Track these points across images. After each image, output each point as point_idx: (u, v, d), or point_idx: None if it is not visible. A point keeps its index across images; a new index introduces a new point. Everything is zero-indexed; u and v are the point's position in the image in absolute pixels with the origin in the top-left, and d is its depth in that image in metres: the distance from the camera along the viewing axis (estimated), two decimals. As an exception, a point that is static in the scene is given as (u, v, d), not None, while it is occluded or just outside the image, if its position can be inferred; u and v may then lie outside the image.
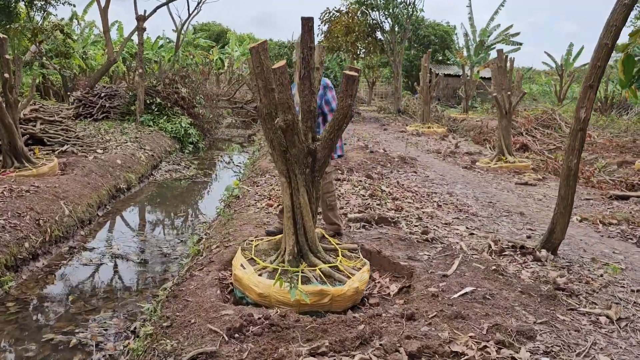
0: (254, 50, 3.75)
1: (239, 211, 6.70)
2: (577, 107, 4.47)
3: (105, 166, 9.37)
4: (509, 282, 4.30)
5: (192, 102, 15.60)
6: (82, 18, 28.98)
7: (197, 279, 4.44)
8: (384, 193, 7.45)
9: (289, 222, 4.09)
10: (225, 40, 47.64)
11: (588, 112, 4.37)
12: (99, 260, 6.31)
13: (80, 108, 14.77)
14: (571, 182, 4.74)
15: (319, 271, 4.01)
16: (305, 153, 3.95)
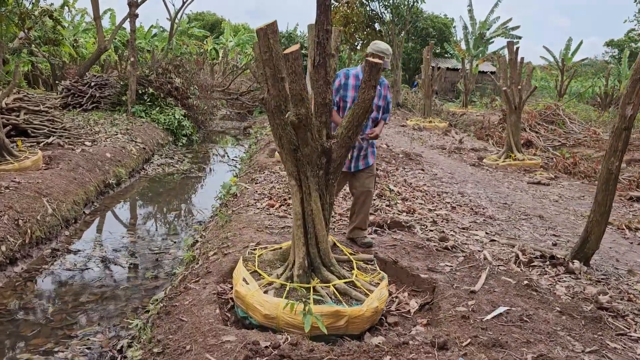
0: (262, 33, 3.21)
1: (237, 212, 6.18)
2: (622, 102, 3.98)
3: (93, 160, 8.80)
4: (545, 299, 3.82)
5: (186, 92, 14.99)
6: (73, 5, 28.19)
7: (193, 292, 3.92)
8: (392, 193, 6.95)
9: (299, 231, 3.58)
10: (219, 30, 46.85)
11: (636, 108, 3.87)
12: (84, 264, 5.77)
13: (69, 97, 14.13)
14: (611, 186, 4.26)
15: (333, 288, 3.51)
16: (319, 152, 3.44)
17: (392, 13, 23.89)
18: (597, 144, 14.74)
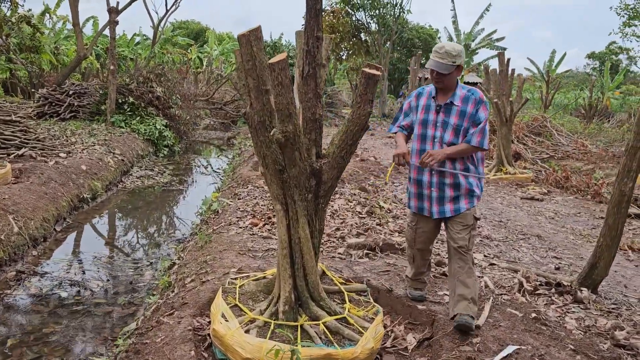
0: (244, 39, 2.84)
1: (218, 231, 5.77)
2: (638, 119, 3.66)
3: (67, 173, 8.32)
4: (556, 335, 3.47)
5: (167, 102, 14.54)
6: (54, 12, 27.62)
7: (166, 328, 3.51)
8: (383, 210, 6.60)
9: (285, 262, 3.19)
10: (204, 39, 46.43)
11: (653, 125, 3.57)
12: (51, 289, 5.30)
13: (45, 106, 13.60)
14: (623, 209, 3.94)
15: (323, 326, 3.12)
16: (308, 174, 3.06)
17: (378, 23, 23.71)
18: (585, 156, 14.57)
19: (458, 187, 3.54)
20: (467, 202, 3.56)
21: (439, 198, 3.58)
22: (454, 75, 3.49)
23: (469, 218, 3.56)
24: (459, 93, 3.53)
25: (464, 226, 3.55)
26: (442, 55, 3.41)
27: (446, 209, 3.58)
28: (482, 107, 3.47)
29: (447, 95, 3.54)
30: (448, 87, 3.54)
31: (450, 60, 3.40)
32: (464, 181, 3.54)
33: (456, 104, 3.50)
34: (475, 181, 3.59)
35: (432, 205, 3.62)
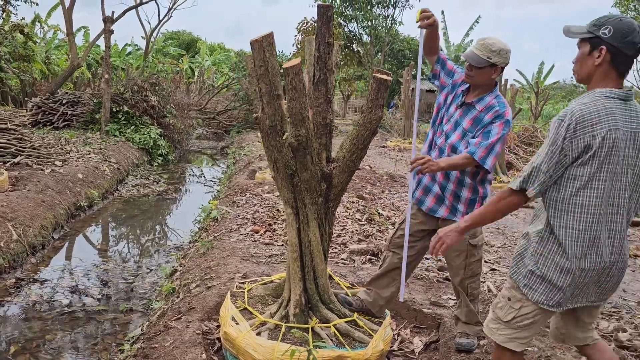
0: (257, 45, 2.89)
1: (219, 238, 5.79)
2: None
3: (64, 181, 8.30)
4: (560, 337, 3.52)
5: (162, 111, 14.54)
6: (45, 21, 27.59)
7: (174, 332, 3.52)
8: (382, 217, 6.65)
9: (295, 265, 3.22)
10: (195, 49, 46.52)
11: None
12: (52, 296, 5.28)
13: (39, 115, 13.55)
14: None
15: (334, 328, 3.15)
16: (319, 178, 3.11)
17: (370, 34, 23.94)
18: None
19: (458, 198, 3.25)
20: (464, 209, 3.23)
21: (438, 198, 3.28)
22: (487, 74, 3.09)
23: (461, 243, 3.11)
24: (488, 99, 3.13)
25: (456, 252, 3.25)
26: (479, 47, 3.06)
27: (439, 209, 3.28)
28: (499, 122, 3.06)
29: (475, 95, 3.18)
30: (478, 85, 3.14)
31: (486, 54, 3.03)
32: (468, 195, 3.24)
33: (477, 108, 3.14)
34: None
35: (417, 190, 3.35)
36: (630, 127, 2.16)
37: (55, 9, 25.81)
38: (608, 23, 2.17)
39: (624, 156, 2.16)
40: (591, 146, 2.12)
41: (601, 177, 2.16)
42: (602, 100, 2.16)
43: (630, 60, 2.20)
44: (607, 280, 2.30)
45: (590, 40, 2.21)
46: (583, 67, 2.26)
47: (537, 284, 2.28)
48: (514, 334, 2.36)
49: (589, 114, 2.12)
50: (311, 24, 23.58)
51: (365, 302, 3.44)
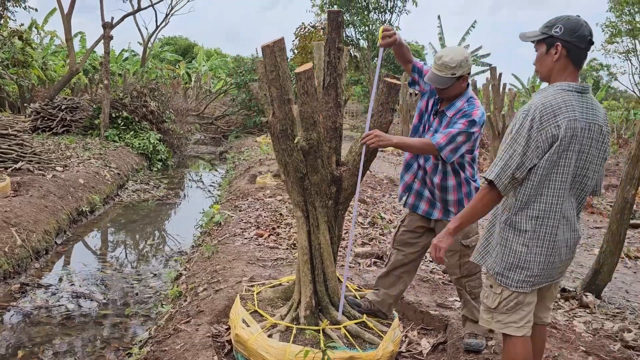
0: (269, 50, 2.94)
1: (223, 242, 5.81)
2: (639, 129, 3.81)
3: (65, 186, 8.31)
4: (567, 338, 3.57)
5: (161, 116, 14.57)
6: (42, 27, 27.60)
7: (185, 335, 3.54)
8: (384, 220, 6.69)
9: (306, 267, 3.25)
10: (192, 54, 46.56)
11: (655, 134, 3.71)
12: (57, 300, 5.29)
13: (38, 121, 13.56)
14: (625, 216, 4.08)
15: (344, 330, 3.18)
16: (329, 181, 3.15)
17: (367, 39, 24.04)
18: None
19: (447, 201, 3.29)
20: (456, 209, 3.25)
21: (430, 201, 3.33)
22: (457, 87, 3.15)
23: (455, 243, 3.11)
24: (458, 104, 3.18)
25: (450, 252, 3.26)
26: (439, 67, 3.08)
27: (433, 211, 3.33)
28: (465, 120, 3.07)
29: (447, 103, 3.24)
30: (451, 98, 3.21)
31: (449, 73, 3.06)
32: (454, 197, 3.27)
33: (448, 115, 3.18)
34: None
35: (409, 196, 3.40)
36: (586, 118, 2.35)
37: (52, 14, 25.83)
38: (558, 22, 2.38)
39: (582, 144, 2.35)
40: (557, 136, 2.29)
41: (564, 164, 2.34)
42: (562, 93, 2.35)
43: (584, 52, 2.40)
44: (568, 258, 2.52)
45: (545, 40, 2.41)
46: (543, 66, 2.45)
47: (508, 270, 2.47)
48: (506, 319, 2.51)
49: (550, 106, 2.31)
50: (308, 29, 23.68)
51: (374, 302, 3.49)
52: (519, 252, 2.44)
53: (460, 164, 3.21)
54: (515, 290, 2.46)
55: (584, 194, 2.46)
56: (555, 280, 2.58)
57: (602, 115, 2.42)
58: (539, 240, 2.41)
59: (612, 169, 14.67)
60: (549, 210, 2.38)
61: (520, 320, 2.50)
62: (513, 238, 2.45)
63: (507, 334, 2.53)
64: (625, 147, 18.93)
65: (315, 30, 23.53)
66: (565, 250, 2.47)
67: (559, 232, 2.41)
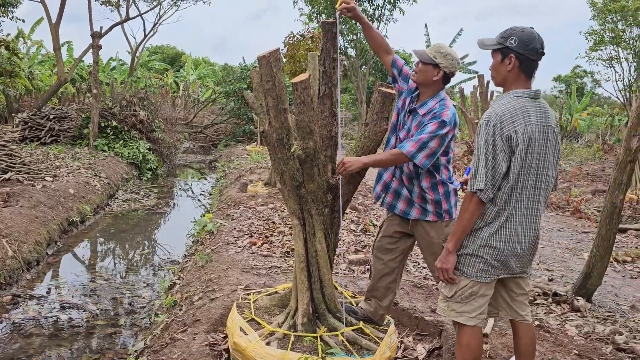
0: (264, 61, 2.98)
1: (216, 250, 5.82)
2: (627, 135, 3.90)
3: (55, 196, 8.27)
4: (559, 341, 3.62)
5: (151, 125, 14.55)
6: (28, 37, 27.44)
7: (181, 344, 3.55)
8: (376, 227, 6.73)
9: (302, 275, 3.28)
10: (180, 63, 46.50)
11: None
12: (49, 311, 5.26)
13: (26, 131, 13.48)
14: (614, 220, 4.15)
15: (342, 336, 3.21)
16: (325, 189, 3.18)
17: (355, 48, 24.18)
18: (560, 175, 15.05)
19: (425, 200, 3.26)
20: (434, 210, 3.24)
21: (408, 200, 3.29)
22: (430, 73, 3.14)
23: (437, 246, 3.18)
24: (430, 103, 3.17)
25: (433, 256, 3.16)
26: (431, 48, 3.19)
27: (411, 211, 3.29)
28: (435, 121, 3.06)
29: (420, 101, 3.24)
30: (422, 85, 3.20)
31: (433, 53, 3.13)
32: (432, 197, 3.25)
33: (420, 113, 3.18)
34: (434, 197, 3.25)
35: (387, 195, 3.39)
36: (540, 122, 2.54)
37: (39, 24, 25.72)
38: (513, 34, 2.54)
39: (539, 146, 2.54)
40: (516, 141, 2.47)
41: (527, 166, 2.53)
42: (517, 100, 2.55)
43: (535, 64, 2.58)
44: (527, 254, 2.67)
45: (501, 50, 2.58)
46: (498, 74, 2.63)
47: (468, 260, 2.63)
48: (460, 307, 2.67)
49: (508, 111, 2.50)
50: (297, 38, 23.78)
51: (367, 312, 3.53)
52: (478, 244, 2.60)
53: (434, 166, 3.22)
54: (474, 280, 2.61)
55: (547, 192, 2.64)
56: (516, 274, 2.70)
57: (553, 118, 2.61)
58: (498, 235, 2.57)
59: (598, 174, 14.85)
60: (515, 208, 2.56)
61: (474, 311, 2.65)
62: (474, 230, 2.62)
63: (460, 322, 2.68)
64: (610, 152, 19.18)
65: (303, 39, 23.67)
66: (523, 246, 2.62)
67: (519, 228, 2.58)
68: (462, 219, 2.57)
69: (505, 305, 2.83)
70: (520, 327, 2.82)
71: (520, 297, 2.81)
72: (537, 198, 2.59)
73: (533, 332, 2.87)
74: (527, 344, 2.82)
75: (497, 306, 2.82)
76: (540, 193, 2.60)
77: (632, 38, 21.17)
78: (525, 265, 2.72)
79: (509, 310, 2.83)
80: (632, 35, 21.11)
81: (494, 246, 2.58)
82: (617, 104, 32.00)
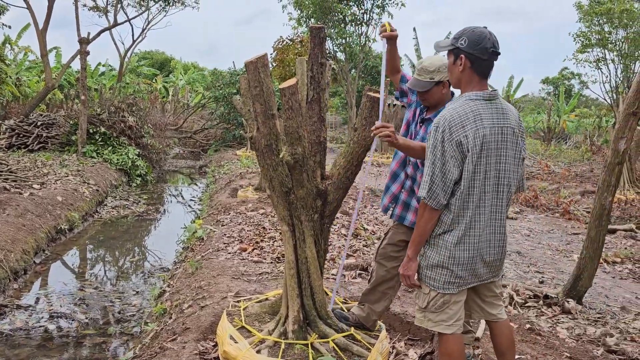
0: (252, 66, 2.96)
1: (207, 257, 5.77)
2: (615, 137, 3.92)
3: (43, 204, 8.18)
4: (551, 344, 3.62)
5: (140, 131, 14.46)
6: (15, 43, 27.24)
7: (171, 354, 3.50)
8: (367, 232, 6.72)
9: (293, 281, 3.26)
10: (169, 68, 46.38)
11: (629, 143, 3.82)
12: (37, 321, 5.18)
13: (13, 138, 13.34)
14: (604, 222, 4.17)
15: (333, 343, 3.19)
16: (314, 195, 3.16)
17: (344, 51, 24.21)
18: (549, 176, 15.14)
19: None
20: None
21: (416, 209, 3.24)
22: (437, 92, 3.15)
23: None
24: None
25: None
26: (419, 71, 3.15)
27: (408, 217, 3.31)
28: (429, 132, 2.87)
29: (433, 110, 3.24)
30: (434, 105, 3.21)
31: (428, 77, 3.11)
32: None
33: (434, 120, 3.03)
34: None
35: (396, 207, 3.37)
36: (497, 123, 2.48)
37: (26, 30, 25.55)
38: (464, 34, 2.51)
39: (497, 148, 2.47)
40: (466, 146, 2.42)
41: (484, 170, 2.46)
42: (469, 103, 2.49)
43: (488, 63, 2.51)
44: (496, 259, 2.62)
45: (453, 51, 2.55)
46: (452, 75, 2.61)
47: (434, 271, 2.59)
48: (436, 317, 2.64)
49: (458, 116, 2.44)
50: (286, 42, 23.79)
51: (359, 317, 3.51)
52: (444, 255, 2.55)
53: None
54: (441, 292, 2.58)
55: (510, 194, 2.58)
56: (486, 279, 2.66)
57: (514, 118, 2.55)
58: (462, 244, 2.52)
59: (587, 176, 14.96)
60: (475, 214, 2.49)
61: (449, 319, 2.62)
62: (438, 241, 2.57)
63: (439, 332, 2.66)
64: (598, 153, 19.34)
65: (292, 43, 23.67)
66: (491, 251, 2.57)
67: (483, 234, 2.53)
68: (419, 226, 2.57)
69: (477, 307, 2.82)
70: (495, 326, 2.81)
71: (491, 298, 2.79)
72: (500, 202, 2.53)
73: (509, 328, 2.85)
74: (504, 342, 2.80)
75: (468, 309, 2.82)
76: (502, 197, 2.53)
77: (618, 40, 21.38)
78: (494, 271, 2.67)
79: (480, 312, 2.83)
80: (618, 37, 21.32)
81: (460, 256, 2.53)
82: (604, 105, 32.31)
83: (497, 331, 2.81)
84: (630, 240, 7.47)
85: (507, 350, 2.80)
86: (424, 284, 2.64)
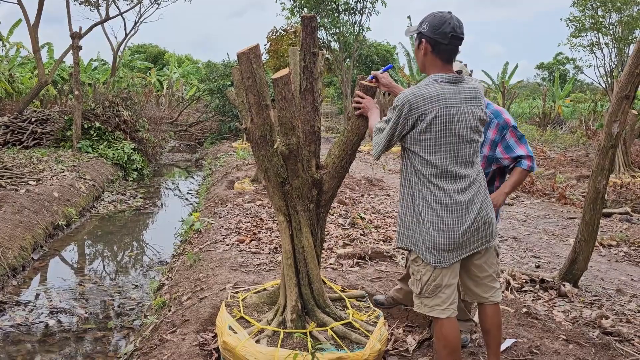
0: (244, 57, 2.95)
1: (205, 249, 5.79)
2: (608, 120, 3.93)
3: (40, 200, 8.17)
4: (548, 327, 3.65)
5: (135, 125, 14.42)
6: (7, 39, 27.03)
7: (171, 345, 3.53)
8: (364, 221, 6.74)
9: (290, 271, 3.28)
10: (162, 62, 46.13)
11: (622, 126, 3.84)
12: (37, 317, 5.20)
13: (7, 135, 13.30)
14: (598, 206, 4.19)
15: (331, 331, 3.21)
16: (310, 184, 3.17)
17: (338, 41, 24.13)
18: (545, 162, 15.18)
19: None
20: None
21: None
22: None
23: None
24: None
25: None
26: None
27: None
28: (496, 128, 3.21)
29: None
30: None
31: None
32: None
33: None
34: None
35: None
36: (461, 102, 2.57)
37: (17, 26, 25.33)
38: (426, 19, 2.59)
39: (458, 127, 2.56)
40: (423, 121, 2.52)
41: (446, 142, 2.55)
42: (434, 85, 2.58)
43: (449, 48, 2.58)
44: (482, 229, 2.67)
45: (417, 36, 2.64)
46: (418, 59, 2.71)
47: (425, 246, 2.64)
48: (431, 302, 2.71)
49: (420, 96, 2.53)
50: (280, 33, 23.70)
51: (397, 299, 3.67)
52: (428, 228, 2.62)
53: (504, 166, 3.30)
54: (436, 266, 2.62)
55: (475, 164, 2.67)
56: (473, 249, 2.69)
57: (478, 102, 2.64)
58: (437, 217, 2.59)
59: (583, 160, 14.99)
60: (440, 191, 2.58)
61: (443, 302, 2.68)
62: (420, 215, 2.64)
63: (434, 316, 2.72)
64: (593, 138, 19.37)
65: (286, 34, 23.58)
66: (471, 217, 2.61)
67: (456, 210, 2.59)
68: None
69: (469, 290, 2.87)
70: (487, 308, 2.86)
71: (485, 279, 2.83)
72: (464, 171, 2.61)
73: (497, 312, 2.89)
74: (488, 320, 2.86)
75: (461, 291, 2.87)
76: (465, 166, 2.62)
77: (612, 24, 21.36)
78: (483, 239, 2.69)
79: (473, 295, 2.89)
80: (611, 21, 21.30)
81: (438, 233, 2.60)
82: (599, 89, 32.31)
83: (487, 311, 2.86)
84: (625, 224, 7.52)
85: (491, 327, 2.86)
86: (416, 266, 2.72)
